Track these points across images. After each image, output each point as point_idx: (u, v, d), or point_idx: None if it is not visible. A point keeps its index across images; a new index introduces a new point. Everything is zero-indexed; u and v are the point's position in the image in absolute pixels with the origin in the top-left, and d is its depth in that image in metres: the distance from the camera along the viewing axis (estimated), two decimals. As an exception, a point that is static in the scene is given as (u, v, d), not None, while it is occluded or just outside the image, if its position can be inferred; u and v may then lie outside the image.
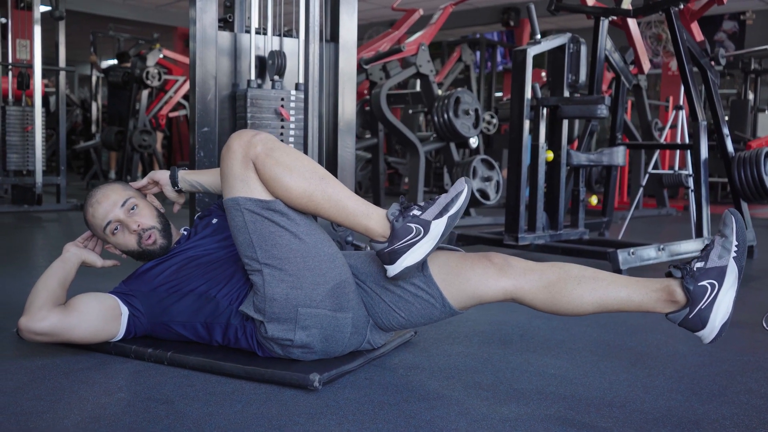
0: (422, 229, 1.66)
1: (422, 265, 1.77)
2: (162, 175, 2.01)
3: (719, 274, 1.66)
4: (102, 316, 1.83)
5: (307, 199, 1.70)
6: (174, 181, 1.99)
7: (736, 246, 1.70)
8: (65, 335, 1.78)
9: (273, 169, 1.68)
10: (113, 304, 1.87)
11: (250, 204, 1.70)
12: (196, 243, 1.99)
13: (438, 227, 1.67)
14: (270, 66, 2.76)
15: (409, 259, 1.67)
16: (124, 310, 1.87)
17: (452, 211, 1.68)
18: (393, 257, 1.68)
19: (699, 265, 1.69)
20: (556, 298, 1.73)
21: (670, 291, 1.69)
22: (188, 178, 2.00)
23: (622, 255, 3.17)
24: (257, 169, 1.70)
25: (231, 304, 1.81)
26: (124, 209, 1.93)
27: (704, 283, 1.66)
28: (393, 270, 1.69)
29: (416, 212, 1.69)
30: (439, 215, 1.68)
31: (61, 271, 1.89)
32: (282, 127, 2.74)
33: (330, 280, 1.73)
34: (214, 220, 2.05)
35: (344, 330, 1.77)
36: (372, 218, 1.70)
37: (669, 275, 1.72)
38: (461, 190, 1.70)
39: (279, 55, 2.74)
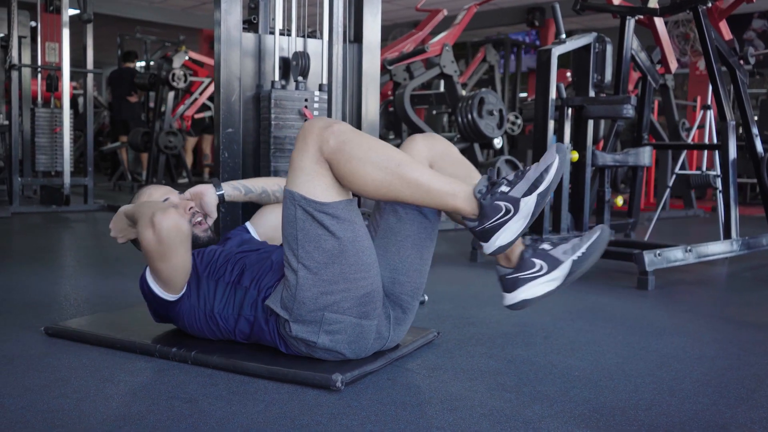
0: (512, 208, 1.60)
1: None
2: (204, 186, 2.09)
3: (554, 263, 1.68)
4: (189, 269, 1.87)
5: (386, 190, 1.65)
6: (217, 185, 2.08)
7: (582, 253, 1.68)
8: (175, 246, 1.77)
9: (346, 165, 1.64)
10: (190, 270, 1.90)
11: (305, 203, 1.67)
12: (226, 246, 2.05)
13: (528, 205, 1.60)
14: (294, 67, 2.76)
15: (502, 238, 1.62)
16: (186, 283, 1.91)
17: (541, 188, 1.59)
18: (485, 236, 1.64)
19: (546, 246, 1.72)
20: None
21: (513, 249, 1.71)
22: (232, 182, 2.12)
23: (648, 256, 3.13)
24: (331, 167, 1.66)
25: (259, 294, 1.82)
26: (182, 197, 2.07)
27: (537, 261, 1.68)
28: (487, 248, 1.66)
29: (504, 188, 1.61)
30: (528, 192, 1.60)
31: None
32: (301, 128, 2.74)
33: (361, 288, 1.72)
34: (230, 236, 2.13)
35: (368, 337, 1.78)
36: (459, 197, 1.64)
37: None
38: (551, 162, 1.59)
39: (303, 56, 2.75)
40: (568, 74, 8.03)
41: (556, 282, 1.69)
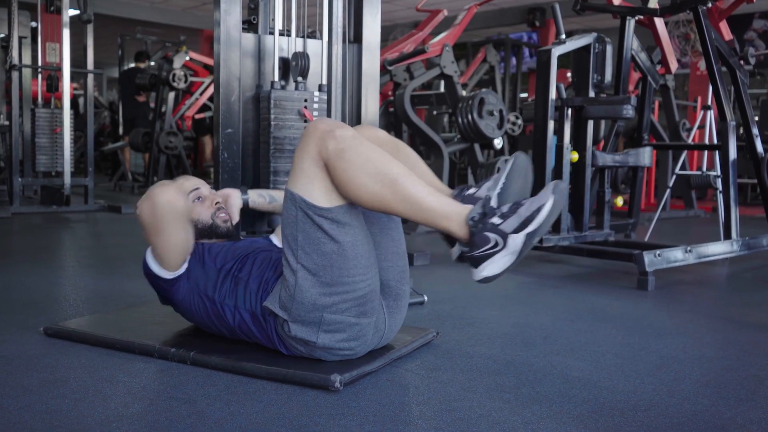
0: (501, 242, 1.59)
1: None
2: (231, 190, 2.15)
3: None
4: (186, 247, 1.92)
5: (379, 203, 1.64)
6: (244, 191, 2.14)
7: (502, 185, 1.69)
8: (171, 227, 1.87)
9: (343, 173, 1.63)
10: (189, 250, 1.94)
11: (305, 206, 1.68)
12: (244, 241, 2.07)
13: (516, 242, 1.58)
14: (293, 67, 2.76)
15: (488, 270, 1.62)
16: (186, 263, 1.94)
17: (531, 229, 1.58)
18: (474, 263, 1.64)
19: (472, 191, 1.71)
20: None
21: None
22: (258, 190, 2.18)
23: (648, 257, 3.13)
24: (328, 171, 1.66)
25: (258, 292, 1.83)
26: (212, 192, 2.10)
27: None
28: (476, 275, 1.66)
29: (496, 220, 1.60)
30: (518, 229, 1.58)
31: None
32: (305, 128, 2.75)
33: (359, 290, 1.73)
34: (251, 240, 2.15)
35: (366, 334, 1.79)
36: (453, 221, 1.63)
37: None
38: (543, 203, 1.58)
39: (302, 57, 2.74)
40: (569, 74, 8.03)
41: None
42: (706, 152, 5.83)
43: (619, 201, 4.17)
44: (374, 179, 1.63)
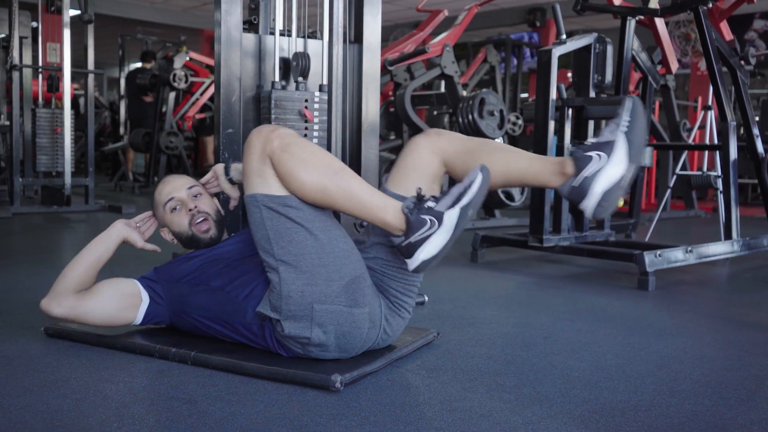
0: (436, 221, 1.63)
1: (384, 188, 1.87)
2: (219, 167, 2.10)
3: (608, 147, 1.69)
4: (118, 304, 1.92)
5: (321, 194, 1.70)
6: (227, 170, 2.07)
7: (627, 122, 1.70)
8: (81, 319, 1.91)
9: (287, 164, 1.69)
10: (134, 291, 1.95)
11: (267, 200, 1.72)
12: (228, 244, 2.04)
13: (451, 218, 1.62)
14: (294, 67, 2.76)
15: (425, 252, 1.65)
16: (145, 298, 1.95)
17: (464, 202, 1.63)
18: (410, 251, 1.66)
19: (593, 140, 1.73)
20: (471, 164, 1.80)
21: (563, 164, 1.73)
22: (239, 166, 2.05)
23: (648, 257, 3.13)
24: (273, 165, 1.71)
25: (245, 301, 1.83)
26: (189, 192, 2.04)
27: (592, 153, 1.69)
28: (412, 264, 1.68)
29: (431, 204, 1.65)
30: (452, 205, 1.64)
31: (98, 251, 1.99)
32: (306, 128, 2.75)
33: (344, 275, 1.74)
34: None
35: (361, 326, 1.78)
36: (389, 211, 1.68)
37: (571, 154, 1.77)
38: (474, 179, 1.64)
39: (303, 57, 2.74)
40: (569, 75, 8.02)
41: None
42: (706, 152, 5.83)
43: (620, 201, 4.17)
44: (316, 170, 1.69)
